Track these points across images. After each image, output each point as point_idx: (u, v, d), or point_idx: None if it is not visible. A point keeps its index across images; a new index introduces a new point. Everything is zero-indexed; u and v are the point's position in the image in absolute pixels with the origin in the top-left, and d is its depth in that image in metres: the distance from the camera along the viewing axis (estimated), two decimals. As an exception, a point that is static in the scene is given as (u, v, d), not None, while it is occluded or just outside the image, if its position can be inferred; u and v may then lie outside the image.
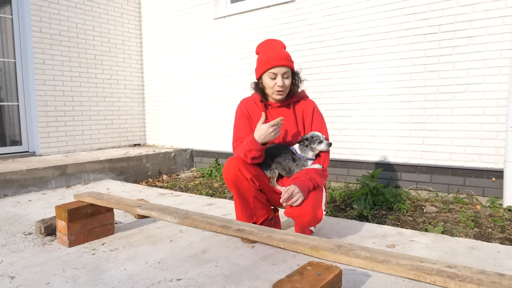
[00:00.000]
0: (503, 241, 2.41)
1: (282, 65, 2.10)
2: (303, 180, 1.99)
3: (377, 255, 1.26)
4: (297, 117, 2.25)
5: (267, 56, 2.14)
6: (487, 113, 3.22)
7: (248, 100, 2.31)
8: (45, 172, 3.83)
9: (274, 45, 2.20)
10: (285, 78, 2.13)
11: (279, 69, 2.10)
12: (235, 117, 2.31)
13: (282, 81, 2.11)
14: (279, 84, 2.11)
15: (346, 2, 3.82)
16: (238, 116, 2.29)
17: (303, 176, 2.03)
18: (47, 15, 4.77)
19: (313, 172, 2.08)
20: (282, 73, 2.11)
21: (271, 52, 2.14)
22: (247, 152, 2.07)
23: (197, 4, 5.11)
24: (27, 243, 2.31)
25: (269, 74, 2.13)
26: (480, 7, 3.17)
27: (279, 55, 2.12)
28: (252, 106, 2.27)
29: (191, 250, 2.13)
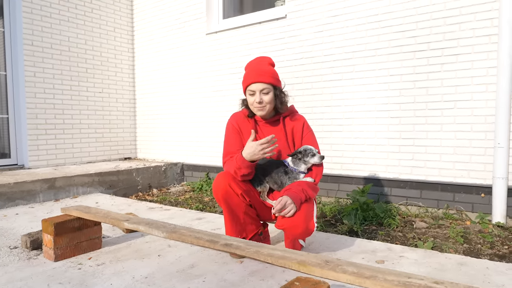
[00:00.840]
0: (492, 257, 2.42)
1: (259, 82, 2.12)
2: (295, 192, 1.99)
3: (365, 271, 1.26)
4: (287, 133, 2.26)
5: (247, 74, 2.18)
6: (475, 130, 3.26)
7: (238, 114, 2.32)
8: (33, 185, 3.78)
9: (258, 61, 2.23)
10: (263, 95, 2.14)
11: (256, 85, 2.12)
12: (225, 131, 2.32)
13: (260, 97, 2.12)
14: (256, 100, 2.13)
15: (337, 19, 3.89)
16: (229, 130, 2.29)
17: (295, 187, 2.03)
18: (39, 28, 4.78)
19: (305, 184, 2.08)
20: (260, 90, 2.12)
21: (252, 70, 2.17)
22: (237, 169, 2.06)
23: (189, 20, 5.16)
24: (12, 257, 2.26)
25: (248, 92, 2.16)
26: (467, 25, 3.24)
27: (258, 71, 2.14)
28: (242, 120, 2.28)
29: (179, 265, 2.10)
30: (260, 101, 2.13)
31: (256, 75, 2.13)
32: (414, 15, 3.47)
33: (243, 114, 2.30)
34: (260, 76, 2.12)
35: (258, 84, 2.12)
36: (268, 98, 2.15)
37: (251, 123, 2.26)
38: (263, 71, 2.15)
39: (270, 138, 2.00)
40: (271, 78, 2.15)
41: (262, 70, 2.15)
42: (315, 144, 2.24)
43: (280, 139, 2.23)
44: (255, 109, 2.17)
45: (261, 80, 2.12)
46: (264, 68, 2.17)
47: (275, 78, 2.18)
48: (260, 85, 2.12)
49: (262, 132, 2.26)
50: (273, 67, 2.25)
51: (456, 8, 3.27)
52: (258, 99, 2.12)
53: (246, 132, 2.25)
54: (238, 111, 2.35)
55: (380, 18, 3.64)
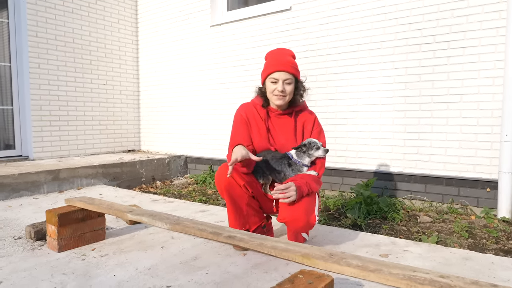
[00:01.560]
0: (497, 252, 2.40)
1: (284, 71, 2.11)
2: (299, 183, 1.98)
3: (369, 264, 1.25)
4: (297, 127, 2.25)
5: (272, 62, 2.17)
6: (481, 124, 3.22)
7: (248, 105, 2.30)
8: (37, 176, 3.80)
9: (281, 52, 2.23)
10: (286, 84, 2.13)
11: (280, 74, 2.11)
12: (233, 121, 2.30)
13: (282, 86, 2.12)
14: (279, 89, 2.12)
15: (342, 11, 3.84)
16: (237, 120, 2.28)
17: (299, 179, 2.02)
18: (43, 20, 4.77)
19: (309, 177, 2.08)
20: (284, 79, 2.12)
21: (276, 58, 2.17)
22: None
23: (193, 12, 5.13)
24: (17, 247, 2.27)
25: (271, 79, 2.15)
26: (474, 18, 3.19)
27: (282, 61, 2.14)
28: (251, 111, 2.27)
29: (182, 256, 2.10)
30: (282, 90, 2.12)
31: (281, 64, 2.12)
32: (421, 7, 3.42)
33: (253, 105, 2.28)
34: (285, 66, 2.12)
35: (282, 73, 2.11)
36: (289, 89, 2.15)
37: (263, 114, 2.24)
38: (287, 61, 2.15)
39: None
40: (295, 70, 2.16)
41: (286, 60, 2.15)
42: (322, 139, 2.24)
43: (288, 132, 2.23)
44: (274, 97, 2.16)
45: (286, 70, 2.12)
46: (288, 59, 2.17)
47: (297, 70, 2.19)
48: (284, 74, 2.12)
49: (272, 124, 2.25)
50: (295, 59, 2.24)
51: (464, 0, 3.23)
52: (281, 87, 2.11)
53: (255, 122, 2.24)
54: (247, 102, 2.33)
55: (386, 10, 3.60)
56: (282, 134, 2.23)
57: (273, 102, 2.21)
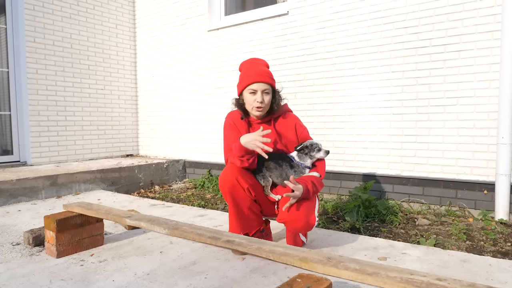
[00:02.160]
0: (495, 254, 2.41)
1: (262, 82, 2.13)
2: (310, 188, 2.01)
3: (367, 268, 1.25)
4: (278, 133, 2.28)
5: (249, 73, 2.18)
6: (478, 126, 3.24)
7: (234, 113, 2.35)
8: (35, 182, 3.79)
9: (256, 62, 2.26)
10: (265, 94, 2.16)
11: (259, 85, 2.13)
12: (224, 130, 2.34)
13: (261, 97, 2.14)
14: (258, 100, 2.13)
15: (339, 15, 3.87)
16: (227, 128, 2.32)
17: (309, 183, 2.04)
18: (41, 25, 4.78)
19: (315, 179, 2.11)
20: (262, 90, 2.14)
21: (253, 69, 2.19)
22: (240, 158, 2.07)
23: (191, 16, 5.15)
24: (15, 253, 2.27)
25: (249, 90, 2.16)
26: (469, 22, 3.22)
27: (259, 71, 2.16)
28: (238, 119, 2.31)
29: (181, 261, 2.10)
30: (261, 101, 2.14)
31: (258, 75, 2.14)
32: (416, 11, 3.45)
33: (239, 113, 2.31)
34: (262, 76, 2.14)
35: (260, 84, 2.14)
36: (268, 99, 2.18)
37: (245, 124, 2.27)
38: (264, 72, 2.18)
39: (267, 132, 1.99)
40: (271, 80, 2.19)
41: (262, 70, 2.18)
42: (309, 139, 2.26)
43: (272, 138, 2.24)
44: (254, 109, 2.18)
45: (264, 80, 2.14)
46: (264, 69, 2.20)
47: (273, 80, 2.22)
48: (262, 85, 2.14)
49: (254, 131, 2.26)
50: (268, 69, 2.27)
51: (459, 4, 3.25)
52: (260, 98, 2.14)
53: (243, 130, 2.27)
54: (234, 110, 2.36)
55: (382, 14, 3.62)
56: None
57: (252, 113, 2.24)
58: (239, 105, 2.27)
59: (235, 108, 2.33)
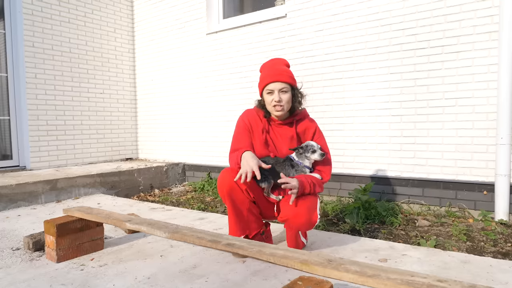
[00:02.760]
0: (495, 255, 2.41)
1: (278, 81, 2.14)
2: (302, 180, 2.03)
3: (367, 270, 1.25)
4: (299, 136, 2.28)
5: (265, 74, 2.20)
6: (477, 127, 3.25)
7: (251, 112, 2.32)
8: (35, 186, 3.79)
9: (274, 62, 2.27)
10: (282, 93, 2.15)
11: (275, 84, 2.14)
12: (236, 127, 2.32)
13: (278, 96, 2.14)
14: (275, 99, 2.14)
15: (337, 18, 3.88)
16: (240, 126, 2.29)
17: (303, 177, 2.07)
18: (40, 30, 4.78)
19: (313, 178, 2.12)
20: (279, 89, 2.14)
21: (270, 69, 2.20)
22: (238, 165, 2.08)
23: (190, 20, 5.16)
24: (15, 258, 2.26)
25: (266, 91, 2.18)
26: (467, 23, 3.23)
27: (276, 71, 2.17)
28: (255, 119, 2.29)
29: (181, 265, 2.10)
30: (279, 100, 2.14)
31: (275, 75, 2.15)
32: (414, 13, 3.46)
33: (256, 112, 2.30)
34: (279, 76, 2.15)
35: (277, 83, 2.14)
36: (286, 97, 2.17)
37: (265, 123, 2.26)
38: (281, 71, 2.18)
39: (267, 167, 2.02)
40: (289, 78, 2.18)
41: (280, 69, 2.19)
42: (324, 146, 2.26)
43: (291, 140, 2.26)
44: (272, 108, 2.19)
45: (280, 79, 2.15)
46: (281, 68, 2.20)
47: (292, 78, 2.21)
48: (279, 84, 2.14)
49: (274, 133, 2.28)
50: (289, 68, 2.27)
51: (456, 6, 3.26)
52: (277, 98, 2.14)
53: (257, 130, 2.26)
54: (251, 108, 2.35)
55: (380, 16, 3.63)
56: (283, 143, 2.26)
57: (273, 113, 2.24)
58: (261, 106, 2.28)
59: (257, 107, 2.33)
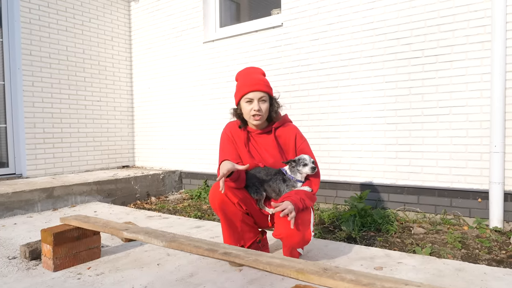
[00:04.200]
0: (490, 262, 2.43)
1: (257, 90, 2.14)
2: (294, 200, 1.99)
3: (362, 278, 1.27)
4: (280, 144, 2.26)
5: (244, 82, 2.19)
6: (471, 135, 3.29)
7: (232, 124, 2.34)
8: (31, 194, 3.79)
9: (251, 71, 2.26)
10: (261, 103, 2.16)
11: (255, 93, 2.14)
12: (220, 141, 2.33)
13: (258, 105, 2.14)
14: (255, 108, 2.14)
15: (332, 27, 3.93)
16: (224, 139, 2.30)
17: (293, 196, 2.03)
18: (37, 38, 4.80)
19: (303, 193, 2.08)
20: (258, 98, 2.14)
21: (248, 78, 2.19)
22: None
23: (186, 28, 5.20)
24: (11, 267, 2.26)
25: (245, 99, 2.17)
26: (460, 33, 3.28)
27: (255, 80, 2.17)
28: (236, 130, 2.30)
29: (178, 273, 2.11)
30: (258, 109, 2.14)
31: (254, 84, 2.15)
32: (408, 23, 3.51)
33: (237, 124, 2.31)
34: (258, 85, 2.15)
35: (256, 92, 2.14)
36: (265, 107, 2.17)
37: (244, 134, 2.27)
38: (260, 80, 2.18)
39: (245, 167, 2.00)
40: (267, 87, 2.19)
41: (258, 79, 2.18)
42: (310, 154, 2.25)
43: (273, 150, 2.24)
44: (251, 118, 2.18)
45: (259, 89, 2.14)
46: (259, 77, 2.20)
47: (270, 87, 2.22)
48: (258, 94, 2.14)
49: (255, 142, 2.27)
50: (265, 77, 2.28)
51: (450, 16, 3.32)
52: (257, 107, 2.13)
53: (240, 141, 2.26)
54: (233, 121, 2.36)
55: (375, 26, 3.68)
56: (267, 153, 2.24)
57: (250, 123, 2.24)
58: (237, 115, 2.27)
59: (233, 118, 2.33)
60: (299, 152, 2.24)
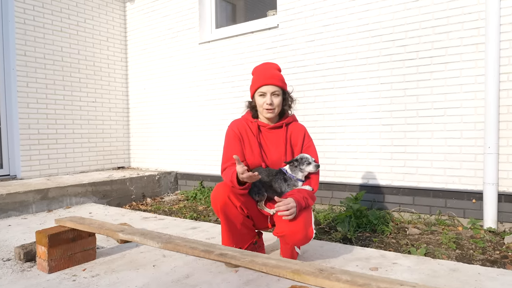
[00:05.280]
0: (484, 263, 2.45)
1: (270, 84, 2.18)
2: (298, 199, 2.01)
3: (358, 279, 1.28)
4: (288, 140, 2.29)
5: (259, 76, 2.24)
6: (465, 136, 3.31)
7: (239, 121, 2.34)
8: (26, 196, 3.76)
9: (267, 66, 2.30)
10: (274, 97, 2.20)
11: (267, 87, 2.18)
12: (225, 138, 2.33)
13: (270, 99, 2.18)
14: (267, 102, 2.18)
15: (328, 29, 3.94)
16: (230, 137, 2.30)
17: (296, 194, 2.05)
18: (32, 38, 4.78)
19: (305, 192, 2.11)
20: (271, 92, 2.18)
21: (262, 72, 2.24)
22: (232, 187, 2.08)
23: (182, 29, 5.20)
24: (5, 269, 2.25)
25: (259, 93, 2.22)
26: (455, 34, 3.30)
27: (269, 75, 2.21)
28: (244, 127, 2.30)
29: (174, 275, 2.11)
30: (271, 103, 2.18)
31: (267, 78, 2.20)
32: (403, 25, 3.53)
33: (245, 120, 2.32)
34: (271, 79, 2.19)
35: (269, 86, 2.18)
36: (277, 101, 2.21)
37: (254, 129, 2.28)
38: (274, 75, 2.22)
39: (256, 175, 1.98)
40: (281, 82, 2.23)
41: (272, 73, 2.23)
42: (314, 155, 2.27)
43: (280, 146, 2.27)
44: (264, 111, 2.22)
45: (272, 83, 2.19)
46: (274, 72, 2.24)
47: (284, 82, 2.26)
48: (271, 87, 2.18)
49: (264, 139, 2.29)
50: (281, 72, 2.30)
51: (444, 18, 3.34)
52: (269, 100, 2.18)
53: (247, 138, 2.27)
54: (239, 118, 2.37)
55: (370, 27, 3.70)
56: (274, 148, 2.27)
57: (263, 116, 2.27)
58: (252, 107, 2.32)
59: (245, 111, 2.36)
60: (305, 150, 2.26)
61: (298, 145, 2.28)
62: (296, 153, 2.28)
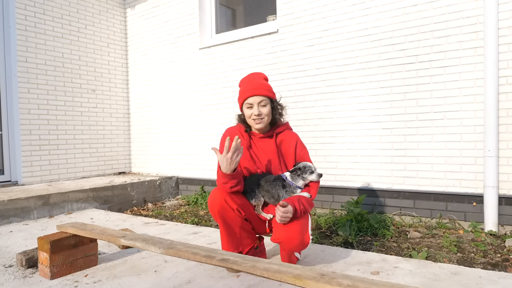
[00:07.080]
0: (485, 266, 2.45)
1: (256, 95, 2.18)
2: (296, 206, 2.01)
3: (359, 283, 1.28)
4: (279, 149, 2.29)
5: (243, 89, 2.24)
6: (465, 139, 3.32)
7: (233, 129, 2.36)
8: (27, 202, 3.77)
9: (253, 77, 2.30)
10: (261, 107, 2.19)
11: (254, 98, 2.18)
12: (220, 145, 2.34)
13: (258, 110, 2.18)
14: (255, 113, 2.18)
15: (327, 33, 3.96)
16: (223, 143, 2.32)
17: (296, 201, 2.05)
18: (33, 45, 4.81)
19: (303, 199, 2.11)
20: (258, 102, 2.18)
21: (248, 84, 2.24)
22: (223, 184, 2.09)
23: (182, 35, 5.22)
24: (7, 276, 2.25)
25: (246, 105, 2.22)
26: (454, 38, 3.32)
27: (254, 85, 2.21)
28: (236, 134, 2.31)
29: (175, 280, 2.11)
30: (259, 113, 2.17)
31: (253, 89, 2.19)
32: (402, 29, 3.55)
33: (238, 129, 2.34)
34: (257, 90, 2.19)
35: (255, 97, 2.18)
36: (266, 110, 2.20)
37: (246, 139, 2.29)
38: (259, 85, 2.22)
39: (235, 140, 2.00)
40: (267, 91, 2.22)
41: (258, 83, 2.22)
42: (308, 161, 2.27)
43: (272, 155, 2.27)
44: (253, 122, 2.22)
45: (258, 93, 2.18)
46: (259, 82, 2.24)
47: (270, 91, 2.25)
48: (257, 98, 2.18)
49: (256, 147, 2.29)
50: (267, 82, 2.30)
51: (443, 22, 3.36)
52: (257, 111, 2.17)
53: (243, 145, 2.28)
54: (233, 126, 2.39)
55: (369, 32, 3.72)
56: (266, 157, 2.27)
57: (253, 127, 2.27)
58: (241, 120, 2.32)
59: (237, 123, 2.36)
60: (298, 159, 2.26)
61: (290, 153, 2.28)
62: (288, 162, 2.28)
